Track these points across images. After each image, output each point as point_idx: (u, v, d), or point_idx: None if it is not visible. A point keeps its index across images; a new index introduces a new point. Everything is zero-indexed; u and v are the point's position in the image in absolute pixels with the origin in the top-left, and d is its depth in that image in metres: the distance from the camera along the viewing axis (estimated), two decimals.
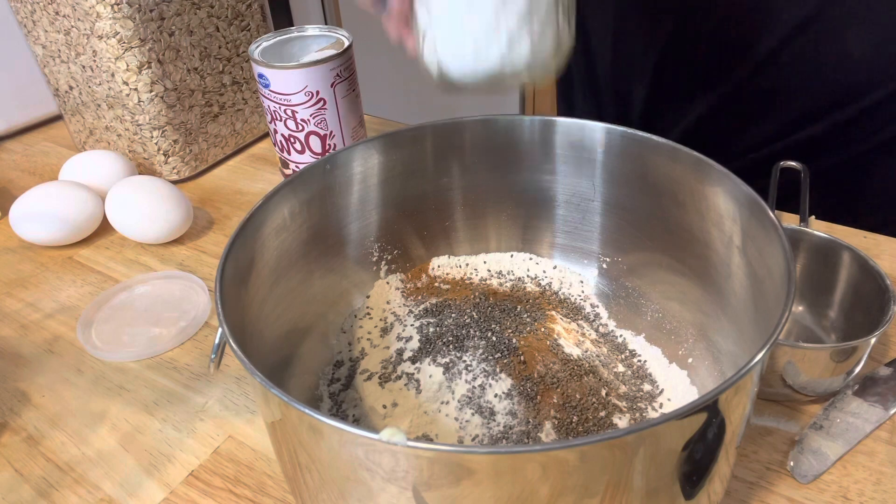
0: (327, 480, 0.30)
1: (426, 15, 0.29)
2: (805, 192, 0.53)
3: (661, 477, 0.28)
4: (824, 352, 0.41)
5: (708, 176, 0.38)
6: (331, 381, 0.43)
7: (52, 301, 0.56)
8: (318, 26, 0.61)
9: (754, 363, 0.27)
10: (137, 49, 0.61)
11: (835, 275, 0.46)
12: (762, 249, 0.34)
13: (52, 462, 0.43)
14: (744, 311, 0.37)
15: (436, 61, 0.30)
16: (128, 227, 0.60)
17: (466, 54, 0.29)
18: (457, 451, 0.25)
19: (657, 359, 0.43)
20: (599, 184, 0.45)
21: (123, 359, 0.50)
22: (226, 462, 0.42)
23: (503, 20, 0.28)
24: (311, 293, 0.43)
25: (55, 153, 0.77)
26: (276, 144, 0.61)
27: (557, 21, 0.29)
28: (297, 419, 0.28)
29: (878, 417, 0.42)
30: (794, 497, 0.38)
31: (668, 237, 0.42)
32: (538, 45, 0.29)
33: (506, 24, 0.28)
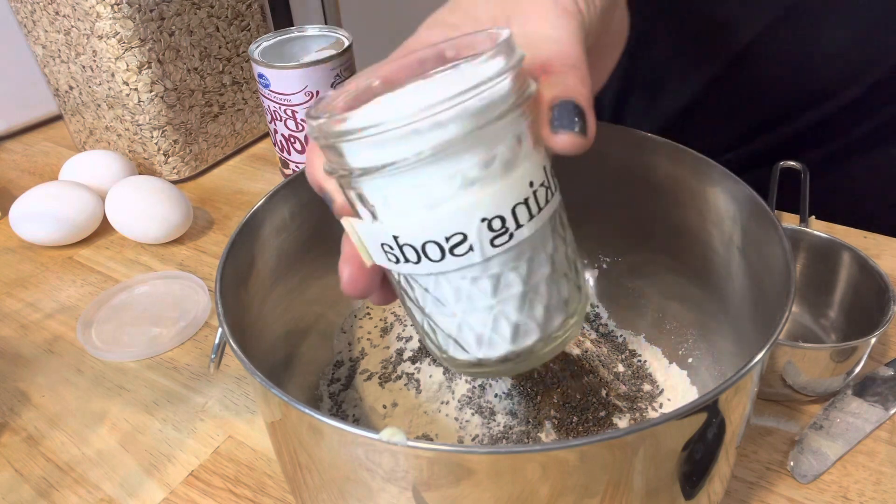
0: (327, 480, 0.30)
1: (450, 318, 0.27)
2: (805, 192, 0.53)
3: (661, 477, 0.28)
4: (824, 352, 0.41)
5: (708, 176, 0.38)
6: (331, 381, 0.43)
7: (52, 301, 0.56)
8: (318, 26, 0.61)
9: (754, 363, 0.27)
10: (137, 49, 0.61)
11: (835, 275, 0.46)
12: (762, 249, 0.34)
13: (52, 462, 0.43)
14: (744, 311, 0.37)
15: (438, 353, 0.29)
16: (128, 227, 0.60)
17: (472, 347, 0.27)
18: (457, 451, 0.25)
19: (657, 359, 0.43)
20: (599, 183, 0.45)
21: (123, 359, 0.50)
22: (226, 462, 0.42)
23: (501, 313, 0.26)
24: (311, 293, 0.43)
25: (55, 153, 0.77)
26: (276, 144, 0.61)
27: (562, 291, 0.27)
28: (297, 419, 0.28)
29: (878, 417, 0.42)
30: (794, 497, 0.38)
31: (668, 237, 0.42)
32: (546, 326, 0.27)
33: (505, 316, 0.26)
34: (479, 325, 0.26)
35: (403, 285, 0.27)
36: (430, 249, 0.24)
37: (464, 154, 0.23)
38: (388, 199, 0.24)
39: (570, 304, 0.28)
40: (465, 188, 0.23)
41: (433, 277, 0.25)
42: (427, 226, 0.24)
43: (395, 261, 0.25)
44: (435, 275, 0.25)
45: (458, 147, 0.23)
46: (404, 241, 0.24)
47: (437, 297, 0.26)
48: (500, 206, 0.24)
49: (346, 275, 0.27)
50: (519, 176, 0.24)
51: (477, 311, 0.26)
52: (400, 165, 0.23)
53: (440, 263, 0.24)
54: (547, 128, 0.24)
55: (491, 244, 0.24)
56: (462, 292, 0.25)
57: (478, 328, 0.26)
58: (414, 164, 0.23)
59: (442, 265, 0.25)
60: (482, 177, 0.23)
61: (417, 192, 0.23)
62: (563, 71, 0.25)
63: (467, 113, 0.22)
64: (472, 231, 0.24)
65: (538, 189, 0.25)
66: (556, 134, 0.24)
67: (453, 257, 0.24)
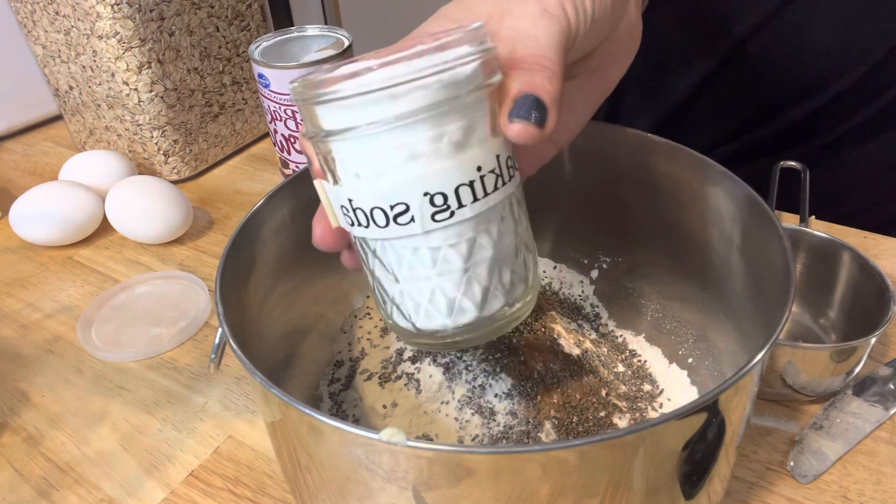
0: (327, 480, 0.30)
1: (393, 283, 0.28)
2: (805, 191, 0.53)
3: (661, 477, 0.28)
4: (824, 352, 0.41)
5: (708, 176, 0.38)
6: (331, 381, 0.43)
7: (52, 301, 0.56)
8: (318, 26, 0.61)
9: (754, 363, 0.27)
10: (137, 49, 0.61)
11: (835, 275, 0.46)
12: (762, 249, 0.34)
13: (52, 462, 0.43)
14: (744, 311, 0.37)
15: (385, 317, 0.30)
16: (128, 227, 0.60)
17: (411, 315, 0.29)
18: (457, 451, 0.25)
19: (657, 359, 0.43)
20: (599, 183, 0.45)
21: (123, 359, 0.50)
22: (226, 462, 0.42)
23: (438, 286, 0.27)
24: (311, 293, 0.43)
25: (55, 153, 0.77)
26: (276, 144, 0.61)
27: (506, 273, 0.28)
28: (297, 419, 0.28)
29: (878, 417, 0.42)
30: (794, 497, 0.38)
31: (668, 237, 0.42)
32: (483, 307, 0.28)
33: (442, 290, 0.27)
34: (417, 294, 0.28)
35: (359, 248, 0.29)
36: (376, 215, 0.26)
37: (415, 128, 0.24)
38: (346, 163, 0.26)
39: (513, 292, 0.29)
40: (411, 161, 0.25)
41: (380, 243, 0.27)
42: (374, 192, 0.26)
43: (349, 223, 0.27)
44: (381, 240, 0.27)
45: (409, 121, 0.24)
46: (356, 205, 0.26)
47: (383, 263, 0.28)
48: (444, 184, 0.25)
49: (317, 232, 0.30)
50: (467, 158, 0.25)
51: (416, 280, 0.27)
52: (357, 131, 0.25)
53: (385, 230, 0.26)
54: (505, 116, 0.26)
55: (432, 218, 0.26)
56: (404, 260, 0.27)
57: (416, 297, 0.28)
58: (370, 132, 0.25)
59: (386, 231, 0.26)
60: (429, 152, 0.25)
61: (370, 158, 0.25)
62: (533, 68, 0.26)
63: (424, 89, 0.24)
64: (414, 203, 0.25)
65: (487, 175, 0.26)
66: (511, 123, 0.25)
67: (396, 226, 0.26)
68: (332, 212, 0.28)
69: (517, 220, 0.28)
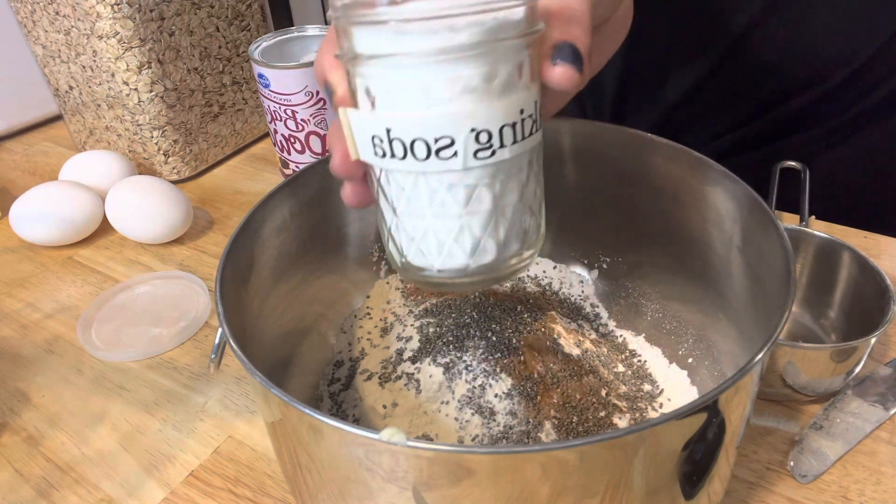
0: (327, 480, 0.30)
1: (392, 215, 0.28)
2: (804, 191, 0.53)
3: (661, 477, 0.28)
4: (824, 352, 0.41)
5: (708, 176, 0.38)
6: (331, 381, 0.43)
7: (52, 301, 0.56)
8: (318, 26, 0.61)
9: (754, 363, 0.27)
10: (137, 49, 0.61)
11: (835, 275, 0.46)
12: (762, 249, 0.34)
13: (52, 462, 0.43)
14: (744, 311, 0.37)
15: (399, 255, 0.30)
16: (128, 227, 0.60)
17: (431, 254, 0.29)
18: (457, 451, 0.25)
19: (657, 359, 0.43)
20: (599, 183, 0.45)
21: (123, 359, 0.50)
22: (226, 462, 0.42)
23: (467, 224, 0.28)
24: (311, 293, 0.43)
25: (55, 153, 0.77)
26: (276, 144, 0.61)
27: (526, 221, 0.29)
28: (297, 419, 0.28)
29: (878, 417, 0.42)
30: (794, 497, 0.38)
31: (668, 237, 0.42)
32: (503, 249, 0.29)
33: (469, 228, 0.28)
34: (444, 232, 0.28)
35: (382, 182, 0.28)
36: (417, 147, 0.26)
37: (471, 63, 0.24)
38: (391, 91, 0.25)
39: (529, 237, 0.29)
40: (463, 95, 0.25)
41: (413, 176, 0.27)
42: (420, 123, 0.25)
43: (381, 154, 0.27)
44: (415, 174, 0.27)
45: (467, 55, 0.24)
46: (395, 135, 0.26)
47: (412, 198, 0.27)
48: (491, 122, 0.25)
49: (336, 158, 0.29)
50: (514, 100, 0.26)
51: (446, 217, 0.27)
52: (411, 58, 0.24)
53: (424, 163, 0.26)
54: (548, 61, 0.27)
55: (474, 155, 0.26)
56: (436, 196, 0.27)
57: (442, 235, 0.28)
58: (423, 60, 0.24)
59: (425, 165, 0.26)
60: (482, 89, 0.25)
61: (419, 88, 0.25)
62: (569, 21, 0.27)
63: (480, 26, 0.24)
64: (460, 137, 0.25)
65: (526, 119, 0.26)
66: (555, 66, 0.27)
67: (437, 159, 0.26)
68: (353, 143, 0.28)
69: (540, 168, 0.29)
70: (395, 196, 0.28)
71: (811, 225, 0.51)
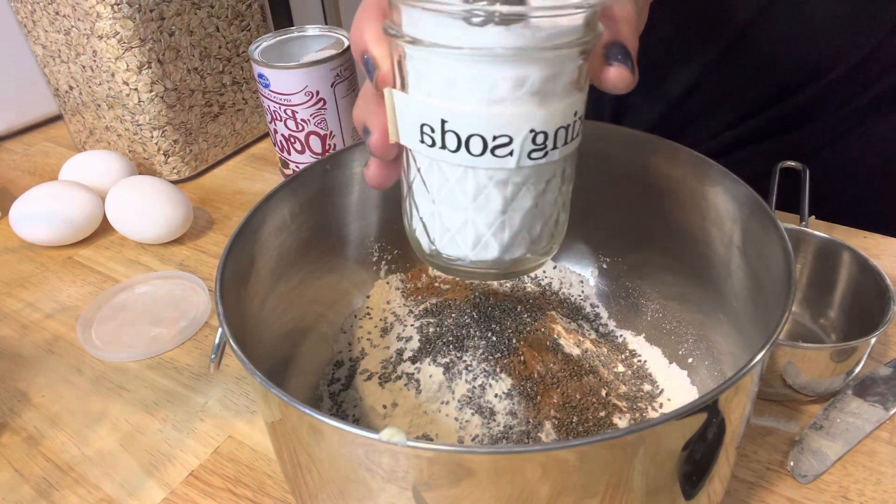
0: (327, 480, 0.30)
1: (430, 203, 0.28)
2: (805, 191, 0.53)
3: (661, 477, 0.28)
4: (824, 352, 0.41)
5: (708, 176, 0.38)
6: (331, 381, 0.43)
7: (52, 301, 0.56)
8: (318, 26, 0.61)
9: (754, 363, 0.27)
10: (137, 49, 0.61)
11: (835, 275, 0.46)
12: (762, 249, 0.34)
13: (52, 462, 0.43)
14: (744, 311, 0.37)
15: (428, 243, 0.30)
16: (128, 227, 0.60)
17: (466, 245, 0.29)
18: (457, 451, 0.25)
19: (657, 359, 0.43)
20: (599, 184, 0.45)
21: (123, 359, 0.50)
22: (226, 462, 0.42)
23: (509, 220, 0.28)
24: (311, 293, 0.43)
25: (55, 153, 0.77)
26: (276, 144, 0.61)
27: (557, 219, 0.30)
28: (297, 419, 0.28)
29: (878, 417, 0.42)
30: (794, 497, 0.38)
31: (668, 237, 0.42)
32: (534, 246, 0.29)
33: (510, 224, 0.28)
34: (483, 225, 0.28)
35: (423, 171, 0.28)
36: (473, 142, 0.25)
37: (541, 64, 0.24)
38: (452, 82, 0.25)
39: (557, 234, 0.30)
40: (529, 95, 0.25)
41: (462, 169, 0.26)
42: (480, 119, 0.25)
43: (430, 143, 0.26)
44: (465, 167, 0.26)
45: (538, 56, 0.24)
46: (450, 128, 0.25)
47: (455, 190, 0.27)
48: (549, 124, 0.25)
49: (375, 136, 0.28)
50: (571, 102, 0.26)
51: (488, 212, 0.27)
52: (480, 53, 0.24)
53: (477, 159, 0.26)
54: (602, 60, 0.27)
55: (528, 156, 0.26)
56: (483, 191, 0.27)
57: (481, 229, 0.28)
58: (493, 58, 0.24)
59: (478, 161, 0.26)
60: (546, 91, 0.25)
61: (485, 84, 0.24)
62: (617, 21, 0.27)
63: (556, 28, 0.24)
64: (518, 137, 0.25)
65: (577, 121, 0.27)
66: (611, 65, 0.26)
67: (492, 157, 0.26)
68: (395, 125, 0.27)
69: (574, 170, 0.30)
70: (436, 185, 0.28)
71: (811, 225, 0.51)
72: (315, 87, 0.56)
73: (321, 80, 0.56)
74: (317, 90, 0.56)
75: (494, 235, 0.28)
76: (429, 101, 0.25)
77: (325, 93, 0.57)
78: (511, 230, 0.28)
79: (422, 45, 0.24)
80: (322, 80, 0.56)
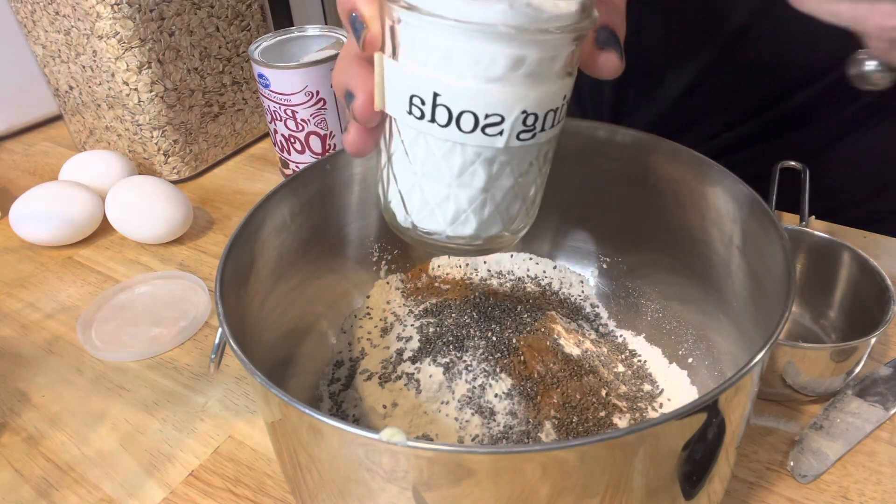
0: (327, 480, 0.30)
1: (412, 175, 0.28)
2: (805, 191, 0.53)
3: (661, 477, 0.28)
4: (824, 352, 0.41)
5: (708, 176, 0.38)
6: (331, 381, 0.43)
7: (52, 301, 0.56)
8: (318, 26, 0.61)
9: (754, 363, 0.27)
10: (137, 49, 0.61)
11: (835, 275, 0.46)
12: (762, 249, 0.34)
13: (52, 462, 0.43)
14: (744, 311, 0.37)
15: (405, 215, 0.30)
16: (128, 227, 0.60)
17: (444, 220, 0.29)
18: (457, 451, 0.25)
19: (657, 359, 0.43)
20: (599, 183, 0.45)
21: (123, 359, 0.50)
22: (226, 462, 0.42)
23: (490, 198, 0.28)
24: (311, 293, 0.43)
25: (55, 153, 0.77)
26: (276, 144, 0.61)
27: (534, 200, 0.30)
28: (297, 419, 0.28)
29: (878, 417, 0.42)
30: (794, 497, 0.38)
31: (668, 237, 0.42)
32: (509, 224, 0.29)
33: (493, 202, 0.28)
34: (465, 201, 0.28)
35: (408, 142, 0.27)
36: (464, 119, 0.25)
37: (540, 46, 0.24)
38: (450, 55, 0.24)
39: (531, 214, 0.30)
40: (524, 76, 0.25)
41: (450, 145, 0.26)
42: (475, 96, 0.25)
43: (419, 115, 0.26)
44: (453, 143, 0.26)
45: (540, 38, 0.24)
46: (443, 102, 0.25)
47: (441, 165, 0.27)
48: (541, 106, 0.25)
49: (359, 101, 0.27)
50: (562, 86, 0.26)
51: (471, 189, 0.27)
52: (483, 29, 0.23)
53: (467, 135, 0.26)
54: (594, 44, 0.27)
55: (517, 136, 0.26)
56: (468, 168, 0.27)
57: (463, 205, 0.28)
58: (495, 35, 0.23)
59: (467, 138, 0.26)
60: (541, 73, 0.25)
61: (484, 61, 0.24)
62: (611, 8, 0.27)
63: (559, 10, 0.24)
64: (510, 117, 0.25)
65: (564, 105, 0.27)
66: (602, 51, 0.27)
67: (482, 135, 0.25)
68: (382, 93, 0.26)
69: (553, 152, 0.30)
70: (420, 158, 0.27)
71: (811, 225, 0.51)
72: (315, 87, 0.56)
73: (321, 80, 0.56)
74: (317, 90, 0.56)
75: (475, 212, 0.28)
76: (422, 72, 0.25)
77: (325, 93, 0.57)
78: (491, 208, 0.28)
79: (420, 13, 0.24)
80: (322, 80, 0.56)
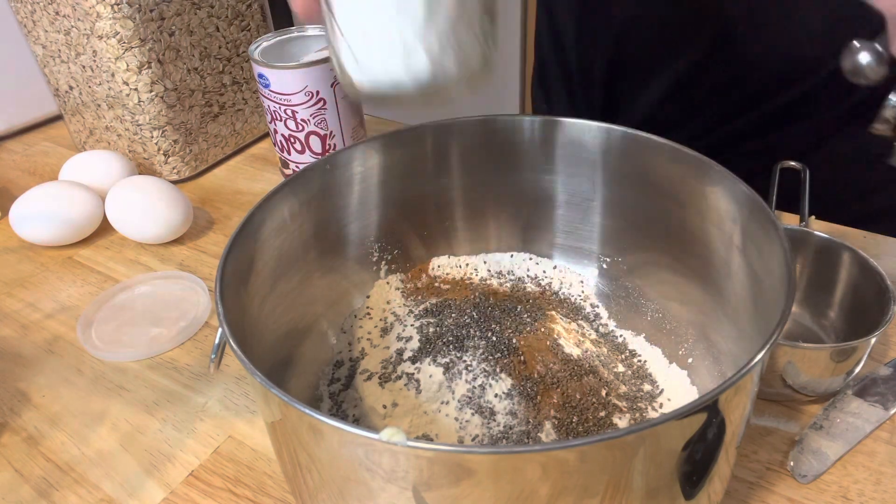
0: (327, 480, 0.30)
1: (355, 19, 0.29)
2: (804, 191, 0.53)
3: (661, 477, 0.28)
4: (824, 352, 0.41)
5: (708, 176, 0.38)
6: (331, 381, 0.43)
7: (52, 301, 0.56)
8: (319, 26, 0.61)
9: (754, 363, 0.27)
10: (137, 49, 0.61)
11: (835, 275, 0.46)
12: (762, 249, 0.34)
13: (52, 462, 0.43)
14: (744, 311, 0.37)
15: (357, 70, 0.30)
16: (128, 227, 0.60)
17: (395, 62, 0.29)
18: (457, 451, 0.25)
19: (657, 359, 0.43)
20: (599, 184, 0.45)
21: (123, 359, 0.50)
22: (226, 462, 0.42)
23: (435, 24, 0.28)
24: (311, 293, 0.43)
25: (55, 153, 0.77)
26: (276, 144, 0.61)
27: (485, 29, 0.30)
28: (297, 419, 0.28)
29: (878, 417, 0.42)
30: (794, 497, 0.38)
31: (668, 237, 0.42)
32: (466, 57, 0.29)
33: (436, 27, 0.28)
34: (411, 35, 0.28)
35: None
36: None
37: None
38: None
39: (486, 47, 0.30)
40: None
41: None
42: None
43: None
44: None
45: None
46: None
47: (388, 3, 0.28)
48: None
49: None
50: None
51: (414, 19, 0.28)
52: None
53: None
54: None
55: None
56: None
57: (409, 38, 0.28)
58: None
59: None
60: None
61: None
62: None
63: None
64: None
65: None
66: None
67: None
68: None
69: None
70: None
71: (811, 225, 0.51)
72: (315, 87, 0.56)
73: (321, 80, 0.56)
74: (317, 90, 0.56)
75: (424, 45, 0.28)
76: None
77: (325, 93, 0.57)
78: (440, 39, 0.28)
79: None
80: (322, 80, 0.56)
